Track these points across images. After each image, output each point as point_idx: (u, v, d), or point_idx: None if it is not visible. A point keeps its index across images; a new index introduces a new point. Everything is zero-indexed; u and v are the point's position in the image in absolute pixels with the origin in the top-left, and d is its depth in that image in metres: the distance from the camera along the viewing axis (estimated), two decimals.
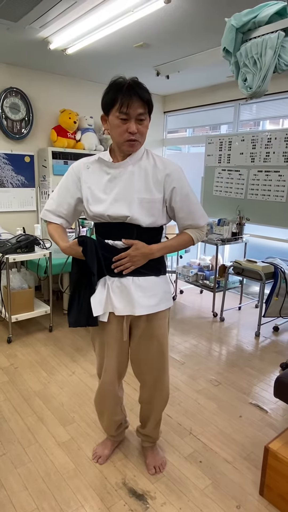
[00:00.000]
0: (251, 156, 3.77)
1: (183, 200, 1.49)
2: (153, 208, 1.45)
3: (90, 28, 2.70)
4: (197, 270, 4.07)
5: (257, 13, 1.57)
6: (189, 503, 1.62)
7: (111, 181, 1.45)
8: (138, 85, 1.34)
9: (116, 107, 1.32)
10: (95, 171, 1.48)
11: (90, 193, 1.47)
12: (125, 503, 1.61)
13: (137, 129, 1.35)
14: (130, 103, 1.31)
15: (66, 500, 1.62)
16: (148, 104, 1.36)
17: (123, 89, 1.31)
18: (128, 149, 1.40)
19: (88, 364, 2.73)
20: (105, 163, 1.45)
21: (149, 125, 1.42)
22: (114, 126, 1.36)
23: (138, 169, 1.45)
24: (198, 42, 3.00)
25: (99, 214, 1.46)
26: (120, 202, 1.43)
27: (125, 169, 1.44)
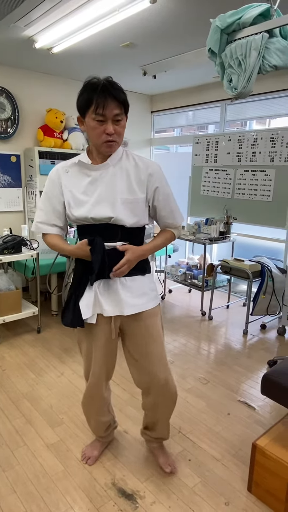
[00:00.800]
0: (238, 156, 3.80)
1: (165, 199, 1.51)
2: (137, 208, 1.46)
3: (76, 27, 2.68)
4: (186, 269, 4.09)
5: (241, 15, 1.58)
6: (178, 502, 1.62)
7: (92, 184, 1.44)
8: (113, 85, 1.33)
9: (91, 108, 1.31)
10: (75, 174, 1.47)
11: (72, 196, 1.46)
12: (115, 504, 1.61)
13: (114, 129, 1.35)
14: (106, 104, 1.30)
15: (55, 502, 1.61)
16: (124, 104, 1.36)
17: (98, 90, 1.30)
18: (107, 150, 1.40)
19: (77, 365, 2.72)
20: (85, 165, 1.45)
21: (126, 124, 1.41)
22: (91, 128, 1.35)
23: (119, 170, 1.45)
24: (184, 42, 3.01)
25: (82, 217, 1.44)
26: (103, 203, 1.42)
27: (106, 171, 1.44)
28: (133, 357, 1.61)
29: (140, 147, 5.09)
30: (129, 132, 4.75)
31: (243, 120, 4.41)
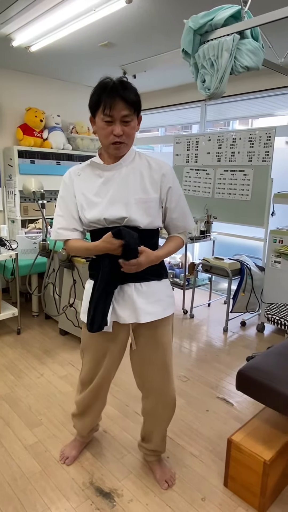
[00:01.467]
0: (218, 156, 3.84)
1: (177, 201, 1.49)
2: (150, 208, 1.42)
3: (53, 26, 2.67)
4: (168, 268, 4.11)
5: (213, 16, 1.60)
6: (155, 498, 1.64)
7: (105, 184, 1.41)
8: (123, 86, 1.30)
9: (100, 109, 1.30)
10: (88, 176, 1.44)
11: (84, 199, 1.42)
12: (92, 502, 1.61)
13: (122, 130, 1.32)
14: (113, 105, 1.27)
15: (32, 503, 1.60)
16: (134, 105, 1.32)
17: (107, 90, 1.28)
18: (114, 151, 1.37)
19: (57, 366, 2.70)
20: (98, 166, 1.42)
21: (138, 127, 1.39)
22: (100, 128, 1.34)
23: (132, 170, 1.42)
24: (162, 42, 3.03)
25: (95, 219, 1.40)
26: (116, 204, 1.39)
27: (119, 171, 1.41)
28: (139, 362, 1.59)
29: None
30: None
31: (225, 120, 4.47)
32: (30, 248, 3.45)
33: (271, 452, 1.56)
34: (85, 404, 1.72)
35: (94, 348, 1.57)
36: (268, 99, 3.83)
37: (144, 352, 1.55)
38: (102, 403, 1.74)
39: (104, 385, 1.66)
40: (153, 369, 1.57)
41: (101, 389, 1.67)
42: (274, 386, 1.55)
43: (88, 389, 1.66)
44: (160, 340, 1.54)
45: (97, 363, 1.60)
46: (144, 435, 1.76)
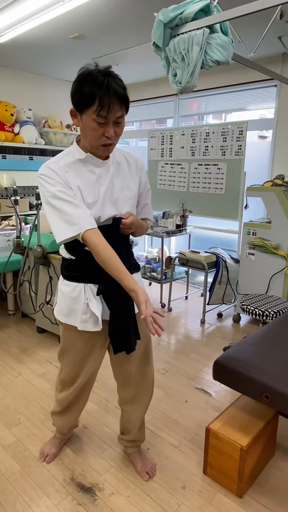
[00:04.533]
0: (192, 150, 3.87)
1: (147, 194, 1.52)
2: (133, 204, 1.44)
3: (22, 17, 2.59)
4: (145, 262, 4.13)
5: (183, 9, 1.61)
6: (136, 490, 1.65)
7: (98, 182, 1.35)
8: (116, 81, 1.19)
9: (93, 108, 1.18)
10: (78, 172, 1.33)
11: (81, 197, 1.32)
12: (73, 498, 1.61)
13: (114, 132, 1.25)
14: (111, 106, 1.17)
15: (11, 503, 1.58)
16: (126, 104, 1.24)
17: (103, 88, 1.15)
18: (103, 153, 1.31)
19: (35, 364, 2.67)
20: (93, 162, 1.33)
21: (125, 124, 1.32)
22: (89, 128, 1.23)
23: (117, 166, 1.40)
24: (134, 35, 3.01)
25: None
26: (108, 203, 1.36)
27: (107, 169, 1.36)
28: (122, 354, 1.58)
29: None
30: None
31: (198, 114, 4.50)
32: (4, 245, 3.38)
33: (247, 438, 1.60)
34: (69, 401, 1.70)
35: (79, 348, 1.55)
36: (240, 93, 3.89)
37: None
38: (85, 400, 1.74)
39: (89, 382, 1.66)
40: (135, 357, 1.59)
41: (86, 386, 1.66)
42: (249, 374, 1.59)
43: (72, 387, 1.64)
44: (143, 328, 1.57)
45: (81, 362, 1.58)
46: (123, 427, 1.78)
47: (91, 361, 1.58)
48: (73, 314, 1.46)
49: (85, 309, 1.43)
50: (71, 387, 1.64)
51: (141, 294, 1.25)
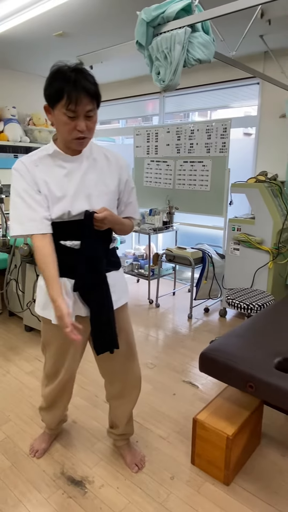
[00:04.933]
0: (177, 147, 3.91)
1: (130, 192, 1.53)
2: (110, 200, 1.45)
3: (4, 14, 2.58)
4: (132, 260, 4.15)
5: (165, 9, 1.63)
6: (126, 482, 1.69)
7: (68, 176, 1.37)
8: (86, 77, 1.23)
9: (62, 102, 1.22)
10: (48, 167, 1.36)
11: (48, 191, 1.35)
12: (64, 492, 1.63)
13: (86, 126, 1.28)
14: (79, 100, 1.21)
15: (2, 498, 1.60)
16: (97, 98, 1.27)
17: (70, 82, 1.19)
18: (77, 147, 1.34)
19: (23, 362, 2.67)
20: (60, 157, 1.36)
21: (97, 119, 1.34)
22: (61, 123, 1.27)
23: (92, 162, 1.41)
24: (119, 33, 3.02)
25: (60, 213, 1.36)
26: (80, 197, 1.37)
27: (80, 164, 1.39)
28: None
29: None
30: None
31: (183, 112, 4.54)
32: None
33: (233, 428, 1.65)
34: (53, 396, 1.72)
35: (58, 342, 1.57)
36: (224, 91, 3.94)
37: None
38: (69, 395, 1.77)
39: (71, 377, 1.68)
40: (119, 354, 1.61)
41: (68, 381, 1.68)
42: (233, 365, 1.63)
43: (55, 382, 1.67)
44: (122, 325, 1.59)
45: (61, 356, 1.60)
46: (112, 421, 1.81)
47: (70, 356, 1.60)
48: (49, 308, 1.45)
49: None
50: (55, 381, 1.66)
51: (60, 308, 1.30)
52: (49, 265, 1.33)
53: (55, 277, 1.33)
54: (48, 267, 1.33)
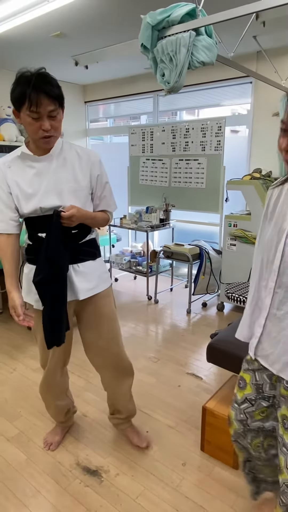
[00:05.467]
0: (172, 145, 3.97)
1: (103, 187, 1.61)
2: (81, 195, 1.53)
3: (3, 16, 2.59)
4: (130, 257, 4.21)
5: (170, 13, 1.69)
6: (140, 469, 1.75)
7: (38, 175, 1.47)
8: (45, 80, 1.32)
9: (25, 105, 1.32)
10: (19, 168, 1.48)
11: (19, 191, 1.47)
12: (81, 481, 1.69)
13: (50, 125, 1.37)
14: (39, 101, 1.30)
15: (21, 489, 1.65)
16: (59, 99, 1.37)
17: (30, 85, 1.29)
18: (45, 145, 1.44)
19: (29, 360, 2.71)
20: (28, 157, 1.46)
21: (63, 117, 1.43)
22: (27, 124, 1.37)
23: (62, 160, 1.50)
24: (115, 34, 3.06)
25: (32, 209, 1.47)
26: (50, 194, 1.47)
27: (50, 162, 1.48)
28: (88, 337, 1.70)
29: (75, 138, 5.05)
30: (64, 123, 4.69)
31: (175, 110, 4.60)
32: None
33: None
34: (43, 389, 1.78)
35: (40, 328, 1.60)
36: (216, 90, 4.01)
37: (91, 326, 1.67)
38: (57, 385, 1.78)
39: (56, 367, 1.71)
40: (102, 341, 1.68)
41: (53, 371, 1.72)
42: (240, 354, 1.71)
43: (45, 373, 1.73)
44: (102, 311, 1.66)
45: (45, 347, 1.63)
46: (113, 408, 1.88)
47: None
48: (30, 294, 1.56)
49: None
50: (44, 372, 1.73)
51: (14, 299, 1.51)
52: (7, 261, 1.53)
53: (11, 272, 1.53)
54: (7, 263, 1.53)
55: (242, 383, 1.27)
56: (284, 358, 1.10)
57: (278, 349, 1.11)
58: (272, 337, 1.13)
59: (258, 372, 1.22)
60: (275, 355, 1.13)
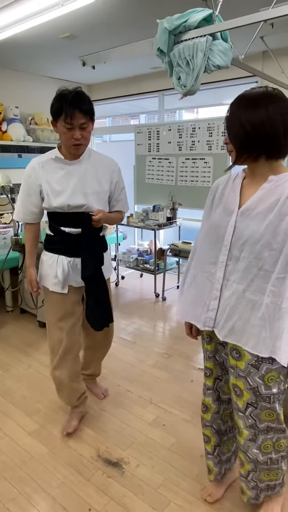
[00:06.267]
0: (179, 145, 4.02)
1: (120, 192, 1.89)
2: (103, 198, 1.81)
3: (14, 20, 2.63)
4: (137, 255, 4.26)
5: (186, 18, 1.73)
6: (159, 461, 1.82)
7: (66, 176, 1.72)
8: (80, 97, 1.59)
9: (62, 117, 1.58)
10: (50, 169, 1.73)
11: (49, 188, 1.72)
12: (103, 472, 1.75)
13: (81, 135, 1.63)
14: (73, 115, 1.57)
15: (46, 480, 1.71)
16: (90, 114, 1.63)
17: (67, 102, 1.56)
18: (75, 152, 1.70)
19: (44, 356, 2.77)
20: (61, 160, 1.73)
21: (92, 129, 1.69)
22: (62, 132, 1.63)
23: (90, 166, 1.76)
24: (122, 35, 3.10)
25: (60, 205, 1.71)
26: (77, 194, 1.72)
27: (79, 166, 1.74)
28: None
29: None
30: None
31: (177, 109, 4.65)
32: (0, 243, 3.41)
33: None
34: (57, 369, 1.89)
35: (54, 309, 1.85)
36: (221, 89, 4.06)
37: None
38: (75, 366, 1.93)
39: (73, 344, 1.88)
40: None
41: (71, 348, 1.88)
42: None
43: (60, 351, 1.85)
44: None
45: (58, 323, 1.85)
46: (84, 365, 2.18)
47: (69, 318, 1.85)
48: (47, 278, 1.83)
49: (55, 275, 1.80)
50: (59, 350, 1.86)
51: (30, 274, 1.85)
52: (28, 243, 1.86)
53: (31, 252, 1.87)
54: (28, 244, 1.87)
55: (208, 372, 1.48)
56: (229, 324, 1.27)
57: (225, 316, 1.28)
58: (222, 305, 1.29)
59: (217, 354, 1.43)
60: (222, 322, 1.29)
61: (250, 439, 1.35)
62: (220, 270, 1.28)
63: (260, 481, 1.43)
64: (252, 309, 1.22)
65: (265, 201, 1.19)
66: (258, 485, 1.44)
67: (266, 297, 1.19)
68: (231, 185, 1.33)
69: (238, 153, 1.20)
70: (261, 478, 1.42)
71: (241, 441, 1.38)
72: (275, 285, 1.17)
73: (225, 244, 1.26)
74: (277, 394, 1.29)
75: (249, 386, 1.29)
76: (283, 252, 1.14)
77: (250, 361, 1.26)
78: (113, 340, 2.17)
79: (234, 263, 1.25)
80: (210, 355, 1.45)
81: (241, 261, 1.22)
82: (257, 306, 1.21)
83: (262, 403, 1.29)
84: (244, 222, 1.21)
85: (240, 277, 1.23)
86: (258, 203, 1.20)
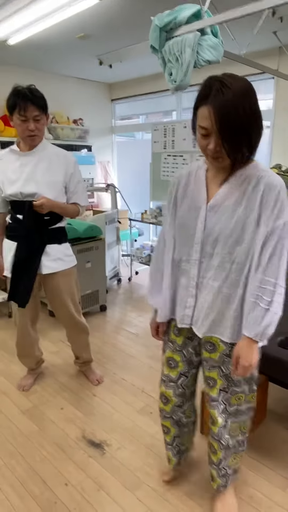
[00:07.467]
0: (193, 142, 4.02)
1: (76, 183, 2.00)
2: (55, 187, 1.93)
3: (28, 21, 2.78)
4: (150, 251, 4.32)
5: (176, 15, 1.77)
6: (141, 446, 1.87)
7: (21, 166, 1.88)
8: (32, 93, 1.75)
9: (16, 110, 1.75)
10: (9, 160, 1.91)
11: (5, 177, 1.89)
12: (85, 452, 1.83)
13: (35, 126, 1.79)
14: (26, 108, 1.73)
15: (31, 455, 1.81)
16: (43, 108, 1.79)
17: (21, 96, 1.73)
18: (30, 142, 1.86)
19: (48, 343, 2.90)
20: (16, 153, 1.91)
21: (47, 123, 1.86)
22: (17, 125, 1.80)
23: (45, 157, 1.91)
24: (136, 33, 3.16)
25: (14, 193, 1.87)
26: (29, 182, 1.87)
27: (33, 157, 1.89)
28: (51, 305, 2.23)
29: (101, 135, 5.22)
30: (89, 120, 4.88)
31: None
32: None
33: None
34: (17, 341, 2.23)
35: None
36: None
37: (51, 296, 2.14)
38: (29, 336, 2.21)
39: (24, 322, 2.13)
40: (61, 308, 2.16)
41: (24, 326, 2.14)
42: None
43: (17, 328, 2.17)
44: (60, 286, 2.08)
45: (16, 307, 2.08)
46: (75, 354, 2.40)
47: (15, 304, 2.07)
48: (5, 264, 2.04)
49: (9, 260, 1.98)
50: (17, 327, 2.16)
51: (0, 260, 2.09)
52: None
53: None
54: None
55: (173, 363, 1.46)
56: (208, 321, 1.28)
57: (203, 314, 1.28)
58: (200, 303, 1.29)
59: (185, 349, 1.42)
60: (200, 320, 1.30)
61: (223, 426, 1.39)
62: (194, 267, 1.28)
63: (229, 467, 1.46)
64: (228, 302, 1.24)
65: (232, 194, 1.19)
66: (228, 471, 1.46)
67: (239, 290, 1.22)
68: (193, 179, 1.29)
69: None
70: (230, 464, 1.45)
71: (215, 430, 1.41)
72: (247, 277, 1.20)
73: (196, 242, 1.25)
74: (247, 378, 1.34)
75: (222, 374, 1.33)
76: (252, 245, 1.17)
77: (225, 351, 1.30)
78: (117, 332, 2.31)
79: (208, 260, 1.25)
80: (178, 349, 1.43)
81: (215, 257, 1.23)
82: (231, 299, 1.24)
83: (233, 387, 1.34)
84: (214, 217, 1.21)
85: (215, 273, 1.24)
86: (226, 197, 1.20)
